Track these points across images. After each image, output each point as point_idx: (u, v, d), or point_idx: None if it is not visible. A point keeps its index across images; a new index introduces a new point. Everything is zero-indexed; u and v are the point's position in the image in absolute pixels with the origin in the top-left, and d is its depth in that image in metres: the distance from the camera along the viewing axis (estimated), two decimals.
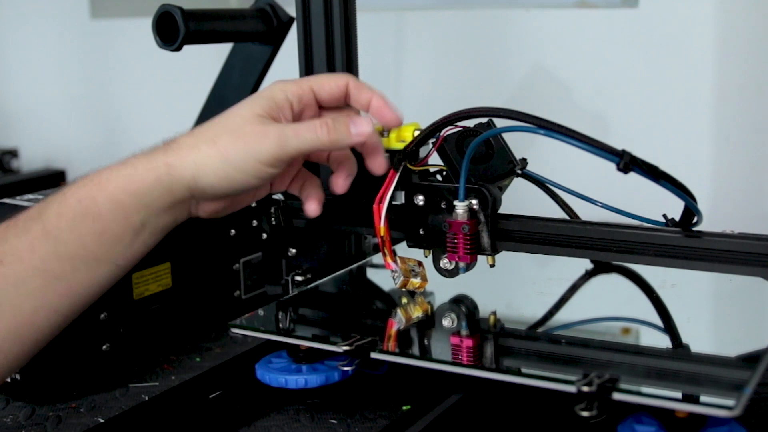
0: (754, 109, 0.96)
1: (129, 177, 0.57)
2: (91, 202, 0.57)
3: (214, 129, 0.59)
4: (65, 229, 0.56)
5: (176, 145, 0.59)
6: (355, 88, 0.63)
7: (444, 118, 0.62)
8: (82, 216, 0.56)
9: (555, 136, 0.54)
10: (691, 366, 0.57)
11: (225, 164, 0.57)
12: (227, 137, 0.58)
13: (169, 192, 0.58)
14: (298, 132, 0.58)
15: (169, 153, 0.58)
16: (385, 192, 0.63)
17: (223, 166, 0.57)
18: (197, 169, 0.57)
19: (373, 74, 0.97)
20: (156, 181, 0.57)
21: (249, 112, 0.59)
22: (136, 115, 1.43)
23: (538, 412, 0.59)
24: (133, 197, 0.57)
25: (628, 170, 0.52)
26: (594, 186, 0.68)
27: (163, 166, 0.57)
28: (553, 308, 0.70)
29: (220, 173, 0.57)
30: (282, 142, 0.57)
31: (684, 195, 0.56)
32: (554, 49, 1.06)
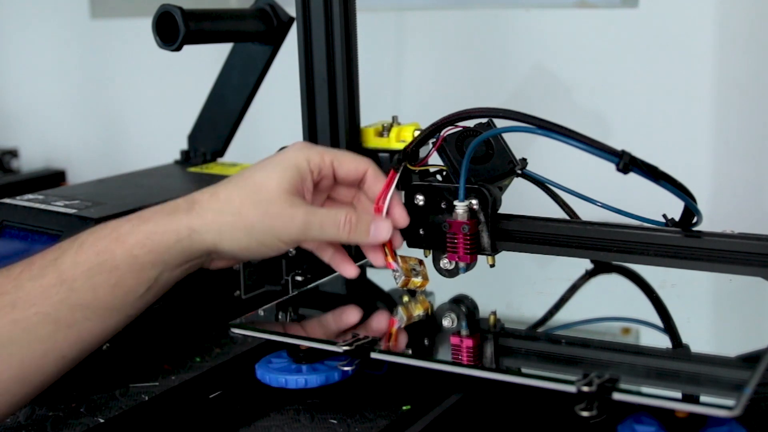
0: (754, 109, 0.96)
1: (149, 234, 0.58)
2: (109, 255, 0.57)
3: (241, 198, 0.59)
4: (80, 278, 0.57)
5: (200, 207, 0.59)
6: (373, 177, 0.64)
7: (443, 118, 0.62)
8: (98, 267, 0.57)
9: (554, 136, 0.54)
10: (691, 366, 0.57)
11: (248, 237, 0.59)
12: (254, 212, 0.59)
13: (187, 252, 0.59)
14: (323, 224, 0.59)
15: (192, 215, 0.59)
16: (385, 192, 0.64)
17: (246, 238, 0.59)
18: (220, 237, 0.59)
19: (373, 74, 0.97)
20: (176, 243, 0.58)
21: (277, 187, 0.59)
22: (136, 115, 1.43)
23: (538, 412, 0.59)
24: (151, 254, 0.58)
25: (627, 171, 0.52)
26: (594, 186, 0.68)
27: (185, 229, 0.58)
28: (553, 308, 0.70)
29: (242, 244, 0.59)
30: (306, 229, 0.59)
31: (684, 195, 0.56)
32: (554, 49, 1.06)
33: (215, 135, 0.97)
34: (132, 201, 0.78)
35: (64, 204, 0.77)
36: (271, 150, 0.77)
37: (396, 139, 0.75)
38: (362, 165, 0.64)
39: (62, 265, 0.57)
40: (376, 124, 0.77)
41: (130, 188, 0.85)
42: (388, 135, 0.75)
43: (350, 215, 0.60)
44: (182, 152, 0.99)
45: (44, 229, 0.74)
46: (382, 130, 0.76)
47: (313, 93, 0.75)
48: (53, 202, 0.77)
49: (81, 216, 0.73)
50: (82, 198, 0.79)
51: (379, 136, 0.76)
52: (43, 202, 0.78)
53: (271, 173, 0.60)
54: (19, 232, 0.76)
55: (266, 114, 1.15)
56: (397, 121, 0.76)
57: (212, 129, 0.97)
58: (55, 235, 0.73)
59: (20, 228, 0.76)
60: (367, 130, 0.76)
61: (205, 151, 0.98)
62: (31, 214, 0.76)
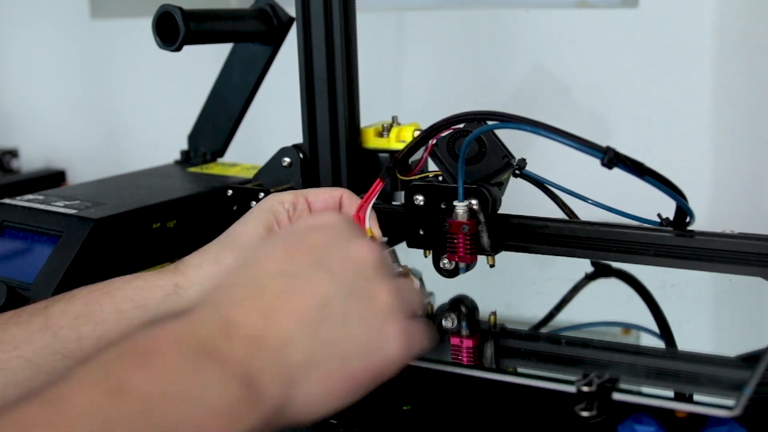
0: (753, 109, 0.96)
1: (137, 289, 0.58)
2: (97, 307, 0.57)
3: (218, 248, 0.60)
4: (66, 327, 0.56)
5: (183, 265, 0.60)
6: (349, 201, 0.64)
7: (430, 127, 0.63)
8: (85, 317, 0.57)
9: (541, 132, 0.54)
10: (691, 366, 0.57)
11: None
12: (231, 256, 0.59)
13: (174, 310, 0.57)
14: None
15: (177, 273, 0.59)
16: (366, 201, 0.63)
17: None
18: (203, 290, 0.58)
19: (373, 74, 0.97)
20: (163, 299, 0.58)
21: (252, 231, 0.60)
22: (136, 115, 1.43)
23: (538, 412, 0.59)
24: (139, 310, 0.57)
25: (612, 166, 0.53)
26: (593, 187, 0.68)
27: (171, 285, 0.58)
28: (553, 310, 0.70)
29: None
30: None
31: (671, 191, 0.56)
32: (554, 49, 1.06)
33: (215, 135, 0.97)
34: (132, 201, 0.78)
35: (64, 204, 0.77)
36: (272, 150, 0.77)
37: (396, 139, 0.75)
38: (336, 191, 0.64)
39: (50, 313, 0.57)
40: (376, 125, 0.77)
41: (130, 188, 0.85)
42: (387, 135, 0.75)
43: None
44: (182, 152, 0.99)
45: (44, 229, 0.74)
46: (382, 130, 0.76)
47: (313, 93, 0.75)
48: (53, 202, 0.78)
49: (81, 216, 0.73)
50: (82, 198, 0.79)
51: (378, 136, 0.76)
52: (43, 202, 0.78)
53: (246, 221, 0.61)
54: (19, 232, 0.76)
55: (266, 114, 1.16)
56: (396, 122, 0.76)
57: (212, 129, 0.97)
58: (55, 235, 0.73)
59: (20, 228, 0.76)
60: (366, 130, 0.76)
61: (205, 151, 0.98)
62: (31, 214, 0.76)
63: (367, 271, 0.44)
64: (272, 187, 0.75)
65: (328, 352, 0.42)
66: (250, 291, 0.42)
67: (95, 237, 0.72)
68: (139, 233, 0.77)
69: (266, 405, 0.39)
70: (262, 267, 0.44)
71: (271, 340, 0.40)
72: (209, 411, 0.37)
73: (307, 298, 0.42)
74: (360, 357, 0.43)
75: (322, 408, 0.42)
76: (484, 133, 0.65)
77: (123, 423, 0.35)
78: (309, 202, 0.63)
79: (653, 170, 0.54)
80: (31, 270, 0.72)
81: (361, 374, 0.43)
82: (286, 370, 0.40)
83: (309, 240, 0.45)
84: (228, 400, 0.38)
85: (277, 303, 0.42)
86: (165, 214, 0.79)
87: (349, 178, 0.75)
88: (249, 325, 0.41)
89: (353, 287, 0.43)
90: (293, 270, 0.43)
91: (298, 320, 0.41)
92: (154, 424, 0.35)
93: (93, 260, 0.72)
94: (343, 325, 0.42)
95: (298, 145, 0.76)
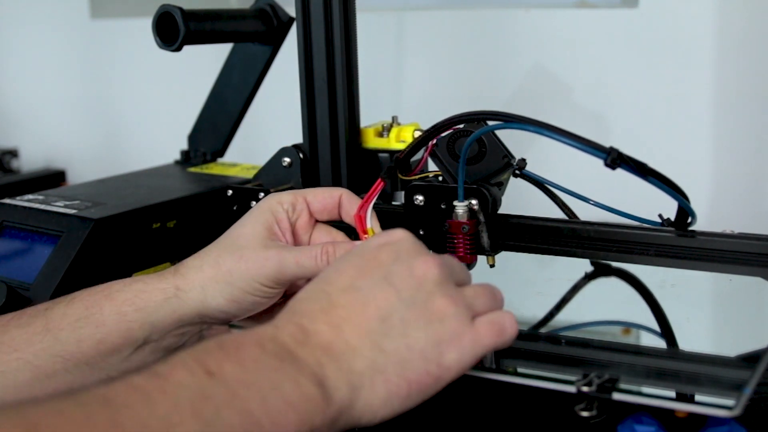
0: (753, 109, 0.96)
1: (138, 292, 0.58)
2: (97, 309, 0.57)
3: (218, 250, 0.60)
4: (66, 329, 0.56)
5: (183, 268, 0.60)
6: (348, 201, 0.63)
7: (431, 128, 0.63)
8: (85, 320, 0.57)
9: (544, 133, 0.54)
10: (691, 366, 0.57)
11: (230, 286, 0.58)
12: (230, 258, 0.59)
13: (176, 314, 0.58)
14: (298, 260, 0.58)
15: (177, 276, 0.59)
16: (367, 201, 0.63)
17: (228, 287, 0.58)
18: (204, 294, 0.58)
19: (373, 74, 0.97)
20: (164, 301, 0.58)
21: (251, 232, 0.60)
22: (136, 115, 1.43)
23: (538, 412, 0.59)
24: (139, 312, 0.57)
25: (615, 166, 0.53)
26: (593, 187, 0.68)
27: (171, 288, 0.58)
28: (553, 310, 0.70)
29: (226, 295, 0.58)
30: (282, 268, 0.58)
31: (674, 192, 0.56)
32: (554, 49, 1.06)
33: (215, 135, 0.97)
34: (132, 201, 0.78)
35: (64, 204, 0.77)
36: (272, 150, 0.77)
37: (396, 139, 0.75)
38: (335, 191, 0.64)
39: (51, 315, 0.57)
40: (376, 125, 0.77)
41: (130, 188, 0.85)
42: (387, 135, 0.75)
43: (327, 246, 0.58)
44: (182, 152, 0.99)
45: (44, 229, 0.74)
46: (382, 130, 0.76)
47: (313, 93, 0.75)
48: (53, 202, 0.78)
49: (81, 216, 0.73)
50: (82, 198, 0.79)
51: (378, 136, 0.76)
52: (43, 202, 0.78)
53: (245, 222, 0.61)
54: (19, 232, 0.76)
55: (266, 114, 1.16)
56: (396, 122, 0.76)
57: (212, 129, 0.97)
58: (55, 235, 0.73)
59: (20, 228, 0.76)
60: (366, 130, 0.76)
61: (205, 151, 0.98)
62: (31, 214, 0.76)
63: (428, 285, 0.48)
64: (272, 187, 0.75)
65: (389, 359, 0.46)
66: (323, 305, 0.48)
67: (95, 237, 0.72)
68: (139, 233, 0.77)
69: (334, 405, 0.44)
70: (334, 283, 0.49)
71: (338, 349, 0.46)
72: (286, 404, 0.42)
73: (371, 311, 0.47)
74: (418, 364, 0.47)
75: (384, 410, 0.47)
76: (485, 134, 0.65)
77: (213, 401, 0.40)
78: (308, 202, 0.63)
79: (656, 171, 0.54)
80: (31, 270, 0.72)
81: (420, 380, 0.47)
82: (352, 376, 0.45)
83: (377, 257, 0.49)
84: (302, 396, 0.43)
85: (344, 316, 0.47)
86: (165, 214, 0.79)
87: (349, 178, 0.75)
88: (320, 335, 0.46)
89: (414, 301, 0.48)
90: (359, 285, 0.48)
91: (361, 332, 0.46)
92: (238, 408, 0.40)
93: (93, 260, 0.72)
94: (403, 336, 0.47)
95: (298, 145, 0.76)
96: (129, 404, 0.38)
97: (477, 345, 0.48)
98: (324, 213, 0.63)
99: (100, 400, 0.38)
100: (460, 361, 0.48)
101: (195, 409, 0.39)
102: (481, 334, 0.48)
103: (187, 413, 0.39)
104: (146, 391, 0.39)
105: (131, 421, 0.37)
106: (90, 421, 0.36)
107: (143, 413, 0.38)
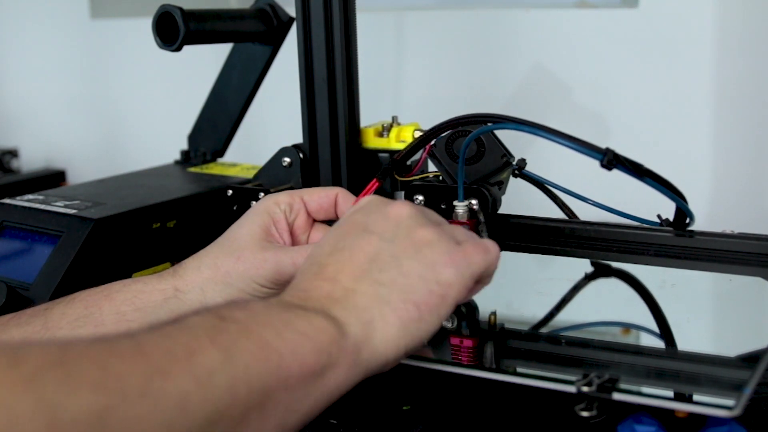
0: (753, 109, 0.96)
1: (137, 292, 0.58)
2: (96, 309, 0.57)
3: (216, 251, 0.60)
4: (65, 328, 0.57)
5: (182, 269, 0.60)
6: (344, 200, 0.64)
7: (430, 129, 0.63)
8: (84, 320, 0.57)
9: (540, 134, 0.54)
10: (691, 366, 0.57)
11: (229, 287, 0.59)
12: (228, 260, 0.59)
13: (175, 315, 0.57)
14: (294, 260, 0.59)
15: (176, 277, 0.60)
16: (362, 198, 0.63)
17: (227, 288, 0.59)
18: (203, 295, 0.59)
19: (373, 74, 0.97)
20: (163, 302, 0.58)
21: (248, 234, 0.60)
22: (136, 115, 1.43)
23: (538, 412, 0.59)
24: (138, 313, 0.58)
25: (611, 167, 0.53)
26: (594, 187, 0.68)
27: (170, 289, 0.59)
28: (553, 310, 0.70)
29: (225, 296, 0.59)
30: (279, 268, 0.59)
31: (670, 193, 0.56)
32: (554, 49, 1.06)
33: (215, 135, 0.97)
34: (132, 201, 0.78)
35: (64, 204, 0.77)
36: (272, 150, 0.77)
37: (396, 139, 0.75)
38: (331, 190, 0.64)
39: (50, 315, 0.57)
40: (376, 125, 0.77)
41: (130, 188, 0.85)
42: (387, 135, 0.75)
43: None
44: (182, 152, 0.99)
45: (44, 229, 0.74)
46: (382, 130, 0.76)
47: (313, 93, 0.75)
48: (53, 202, 0.78)
49: (81, 216, 0.73)
50: (82, 198, 0.79)
51: (378, 136, 0.76)
52: (43, 202, 0.78)
53: (242, 224, 0.62)
54: (19, 232, 0.76)
55: (266, 114, 1.16)
56: (396, 122, 0.76)
57: (212, 129, 0.97)
58: (55, 235, 0.73)
59: (20, 228, 0.76)
60: (366, 130, 0.76)
61: (205, 151, 0.98)
62: (31, 214, 0.76)
63: (405, 221, 0.51)
64: (272, 187, 0.75)
65: (390, 289, 0.48)
66: (315, 270, 0.50)
67: (95, 237, 0.72)
68: (139, 233, 0.77)
69: (349, 339, 0.46)
70: (320, 252, 0.51)
71: (339, 294, 0.48)
72: (299, 334, 0.44)
73: (359, 256, 0.49)
74: (419, 286, 0.48)
75: (404, 338, 0.48)
76: (483, 133, 0.65)
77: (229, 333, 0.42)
78: (305, 202, 0.63)
79: (652, 171, 0.54)
80: (31, 270, 0.72)
81: (426, 300, 0.48)
82: (358, 312, 0.47)
83: (353, 219, 0.52)
84: (315, 328, 0.45)
85: (337, 269, 0.49)
86: (165, 214, 0.79)
87: (349, 178, 0.75)
88: (319, 289, 0.48)
89: (396, 236, 0.50)
90: (342, 244, 0.50)
91: (356, 275, 0.49)
92: (254, 339, 0.42)
93: (93, 260, 0.72)
94: (395, 266, 0.49)
95: (298, 145, 0.76)
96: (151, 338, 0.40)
97: (468, 261, 0.50)
98: (321, 212, 0.64)
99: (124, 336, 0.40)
100: (459, 275, 0.49)
101: (213, 339, 0.41)
102: (469, 252, 0.50)
103: (205, 342, 0.40)
104: (165, 330, 0.41)
105: (154, 347, 0.39)
106: (116, 346, 0.38)
107: (165, 342, 0.40)
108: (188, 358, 0.39)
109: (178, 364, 0.38)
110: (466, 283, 0.50)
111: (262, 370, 0.41)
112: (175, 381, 0.38)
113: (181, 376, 0.38)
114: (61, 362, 0.35)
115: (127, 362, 0.37)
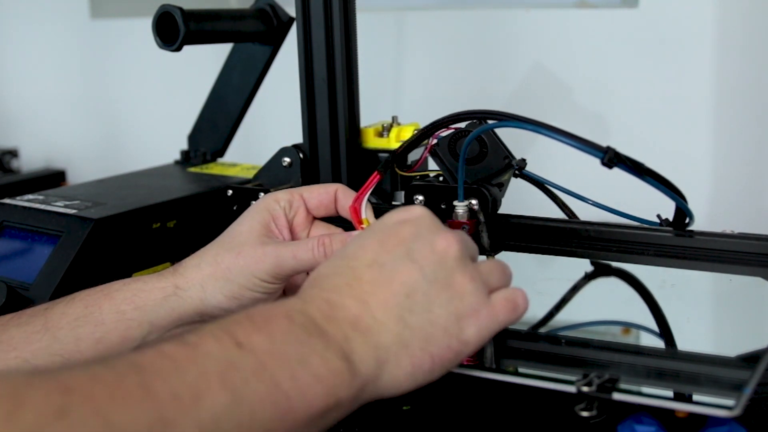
0: (753, 109, 0.96)
1: (137, 291, 0.58)
2: (96, 308, 0.57)
3: (216, 249, 0.60)
4: (65, 327, 0.57)
5: (182, 267, 0.60)
6: (343, 195, 0.64)
7: (431, 124, 0.63)
8: (84, 319, 0.57)
9: (542, 131, 0.54)
10: (691, 366, 0.57)
11: (229, 283, 0.59)
12: (228, 256, 0.59)
13: (175, 313, 0.59)
14: (295, 254, 0.59)
15: (176, 275, 0.59)
16: (362, 193, 0.63)
17: (227, 284, 0.59)
18: (204, 292, 0.59)
19: (373, 74, 0.97)
20: (163, 300, 0.58)
21: (248, 230, 0.60)
22: (136, 115, 1.43)
23: (538, 412, 0.59)
24: (138, 311, 0.58)
25: (612, 165, 0.53)
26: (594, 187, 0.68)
27: (170, 286, 0.59)
28: (553, 310, 0.70)
29: (226, 291, 0.59)
30: (279, 263, 0.59)
31: (670, 192, 0.56)
32: (554, 49, 1.06)
33: (215, 135, 0.97)
34: (132, 201, 0.78)
35: (64, 204, 0.77)
36: (272, 150, 0.77)
37: (396, 139, 0.75)
38: (331, 187, 0.64)
39: (50, 314, 0.57)
40: (376, 125, 0.77)
41: (130, 188, 0.85)
42: (387, 135, 0.75)
43: (323, 238, 0.59)
44: (182, 152, 0.99)
45: (44, 229, 0.74)
46: (382, 130, 0.76)
47: (313, 93, 0.75)
48: (53, 202, 0.78)
49: (81, 216, 0.73)
50: (82, 198, 0.79)
51: (378, 136, 0.76)
52: (43, 202, 0.78)
53: (242, 221, 0.62)
54: (19, 232, 0.76)
55: (266, 114, 1.16)
56: (396, 122, 0.76)
57: (212, 129, 0.97)
58: (55, 235, 0.73)
59: (20, 228, 0.76)
60: (366, 130, 0.76)
61: (205, 151, 0.98)
62: (31, 214, 0.76)
63: (449, 261, 0.49)
64: (272, 186, 0.75)
65: (413, 334, 0.47)
66: (349, 279, 0.48)
67: (95, 237, 0.72)
68: (139, 233, 0.77)
69: (360, 379, 0.45)
70: (358, 258, 0.49)
71: (365, 323, 0.46)
72: (313, 377, 0.43)
73: (396, 286, 0.48)
74: (441, 339, 0.48)
75: (408, 384, 0.48)
76: (485, 133, 0.65)
77: (241, 371, 0.41)
78: (304, 199, 0.63)
79: (653, 170, 0.54)
80: (31, 270, 0.72)
81: (442, 354, 0.48)
82: (378, 351, 0.46)
83: (398, 233, 0.50)
84: (330, 370, 0.44)
85: (369, 291, 0.48)
86: (165, 214, 0.79)
87: (349, 178, 0.75)
88: (347, 309, 0.47)
89: (436, 277, 0.48)
90: (383, 260, 0.49)
91: (387, 307, 0.47)
92: (266, 380, 0.41)
93: (93, 260, 0.72)
94: (426, 311, 0.48)
95: (298, 145, 0.76)
96: (159, 370, 0.39)
97: (494, 320, 0.50)
98: (321, 209, 0.64)
99: (131, 366, 0.38)
100: (479, 335, 0.49)
101: (223, 378, 0.40)
102: (497, 310, 0.50)
103: (215, 382, 0.39)
104: (175, 359, 0.40)
105: (161, 386, 0.38)
106: (121, 384, 0.37)
107: (172, 380, 0.38)
108: (195, 402, 0.38)
109: (183, 410, 0.38)
110: (484, 340, 0.50)
111: (267, 415, 0.41)
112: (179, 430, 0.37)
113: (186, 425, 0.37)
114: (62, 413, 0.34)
115: (131, 409, 0.36)
